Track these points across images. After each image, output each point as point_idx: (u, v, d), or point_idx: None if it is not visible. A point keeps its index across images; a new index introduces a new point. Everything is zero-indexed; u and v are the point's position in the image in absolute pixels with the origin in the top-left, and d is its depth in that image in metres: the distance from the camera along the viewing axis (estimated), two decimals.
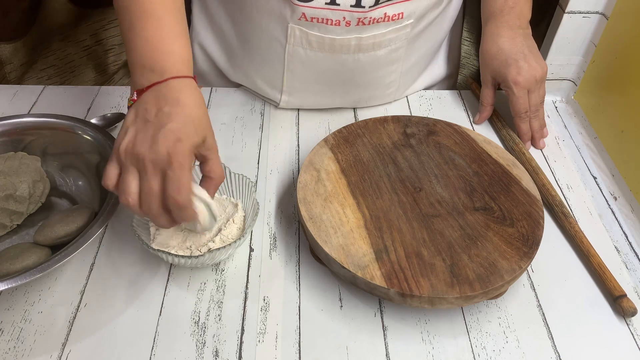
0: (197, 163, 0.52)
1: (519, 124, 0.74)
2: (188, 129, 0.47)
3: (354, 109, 0.80)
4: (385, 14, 0.66)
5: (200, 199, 0.49)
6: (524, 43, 0.73)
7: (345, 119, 0.78)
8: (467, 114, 0.81)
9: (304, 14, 0.65)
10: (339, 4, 0.64)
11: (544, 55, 0.82)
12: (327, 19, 0.65)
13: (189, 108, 0.48)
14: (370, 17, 0.65)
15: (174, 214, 0.47)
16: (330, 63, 0.71)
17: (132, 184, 0.46)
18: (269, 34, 0.69)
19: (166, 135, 0.45)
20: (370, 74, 0.74)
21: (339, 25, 0.66)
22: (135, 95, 0.50)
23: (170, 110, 0.47)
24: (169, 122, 0.46)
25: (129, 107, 0.50)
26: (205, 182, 0.52)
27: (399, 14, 0.67)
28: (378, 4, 0.64)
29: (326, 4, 0.64)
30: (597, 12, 0.77)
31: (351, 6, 0.64)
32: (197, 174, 0.58)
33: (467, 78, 0.94)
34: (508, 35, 0.73)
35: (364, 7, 0.64)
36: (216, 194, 0.62)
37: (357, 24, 0.66)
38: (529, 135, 0.74)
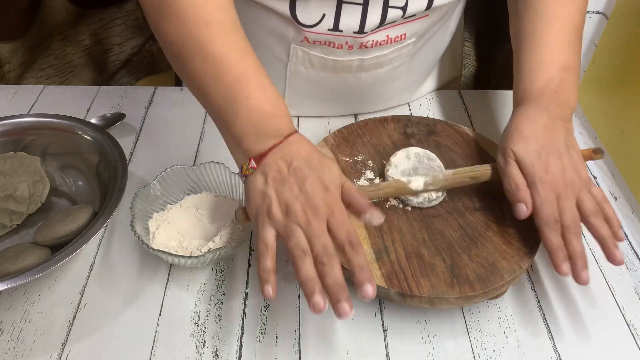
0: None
1: (548, 234, 0.52)
2: (326, 175, 0.48)
3: None
4: (388, 36, 0.65)
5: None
6: (562, 138, 0.56)
7: (345, 119, 0.78)
8: (467, 114, 0.81)
9: (306, 37, 0.64)
10: (341, 30, 0.63)
11: None
12: (330, 42, 0.64)
13: (313, 156, 0.49)
14: (373, 40, 0.64)
15: (348, 255, 0.45)
16: (332, 81, 0.70)
17: (302, 239, 0.46)
18: (271, 52, 0.69)
19: (314, 187, 0.47)
20: (373, 90, 0.74)
21: (342, 48, 0.65)
22: (253, 162, 0.49)
23: (301, 165, 0.48)
24: (307, 175, 0.47)
25: (247, 176, 0.50)
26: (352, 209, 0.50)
27: (401, 35, 0.66)
28: (380, 27, 0.63)
29: (329, 30, 0.63)
30: (597, 12, 0.77)
31: (354, 32, 0.63)
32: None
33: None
34: (545, 124, 0.56)
35: (366, 32, 0.63)
36: (215, 194, 0.62)
37: (360, 47, 0.65)
38: (562, 253, 0.51)
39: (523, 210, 0.53)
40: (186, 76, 0.53)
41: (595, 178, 0.72)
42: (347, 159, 0.65)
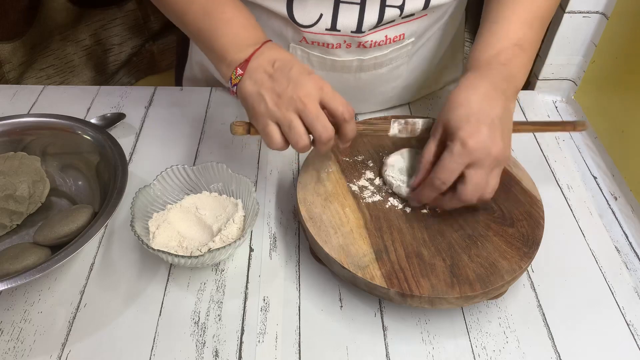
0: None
1: (423, 187, 0.55)
2: (305, 67, 0.54)
3: None
4: (386, 36, 0.65)
5: None
6: (498, 111, 0.53)
7: None
8: None
9: (304, 37, 0.64)
10: (339, 30, 0.63)
11: (544, 55, 0.82)
12: (328, 43, 0.65)
13: (291, 56, 0.55)
14: (372, 41, 0.65)
15: (345, 127, 0.53)
16: (331, 81, 0.69)
17: (301, 126, 0.52)
18: None
19: (300, 73, 0.52)
20: (372, 90, 0.74)
21: (340, 47, 0.65)
22: (240, 69, 0.54)
23: (283, 60, 0.53)
24: (290, 67, 0.53)
25: (236, 84, 0.54)
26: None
27: (400, 35, 0.66)
28: (378, 26, 0.64)
29: (326, 29, 0.63)
30: (597, 12, 0.77)
31: (352, 32, 0.63)
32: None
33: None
34: (485, 92, 0.54)
35: (364, 32, 0.63)
36: (215, 194, 0.62)
37: (358, 47, 0.65)
38: (423, 197, 0.55)
39: (411, 183, 0.58)
40: (163, 2, 0.58)
41: (595, 178, 0.72)
42: (347, 159, 0.65)
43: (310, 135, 0.53)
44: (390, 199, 0.60)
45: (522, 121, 0.63)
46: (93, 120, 0.72)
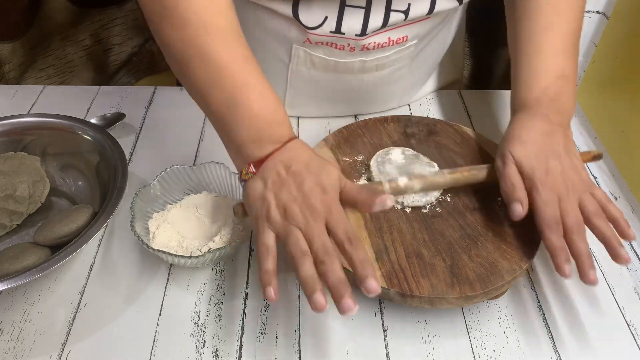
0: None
1: (549, 236, 0.51)
2: (324, 178, 0.48)
3: None
4: (389, 38, 0.65)
5: None
6: (562, 142, 0.56)
7: (345, 119, 0.78)
8: (467, 114, 0.81)
9: (308, 38, 0.64)
10: (343, 33, 0.63)
11: None
12: (332, 43, 0.64)
13: (312, 161, 0.50)
14: (375, 43, 0.64)
15: (349, 251, 0.45)
16: (333, 82, 0.70)
17: (301, 240, 0.46)
18: (272, 53, 0.69)
19: (312, 189, 0.47)
20: (374, 91, 0.74)
21: (344, 49, 0.65)
22: (253, 167, 0.50)
23: (300, 168, 0.48)
24: (304, 178, 0.48)
25: (246, 180, 0.50)
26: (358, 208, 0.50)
27: (403, 38, 0.66)
28: (381, 29, 0.63)
29: (331, 32, 0.63)
30: (597, 12, 0.77)
31: (356, 35, 0.63)
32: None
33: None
34: (544, 128, 0.56)
35: (368, 34, 0.63)
36: (215, 194, 0.62)
37: (362, 49, 0.65)
38: (564, 255, 0.50)
39: (518, 209, 0.53)
40: (187, 81, 0.53)
41: (595, 178, 0.72)
42: (347, 159, 0.65)
43: None
44: None
45: None
46: (93, 120, 0.72)
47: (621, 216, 0.53)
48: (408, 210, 0.58)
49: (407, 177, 0.57)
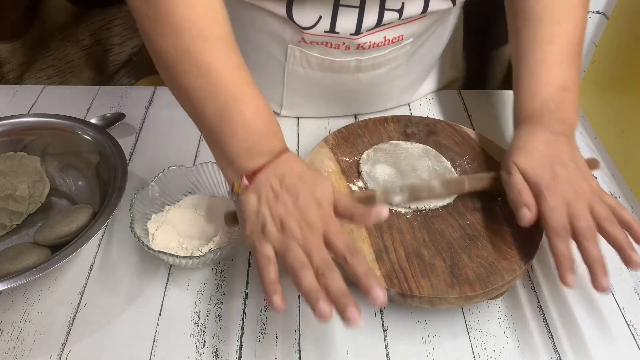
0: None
1: (556, 242, 0.50)
2: (318, 191, 0.48)
3: None
4: (385, 37, 0.65)
5: None
6: (566, 150, 0.55)
7: (345, 119, 0.78)
8: (467, 114, 0.81)
9: (303, 38, 0.64)
10: (338, 32, 0.63)
11: None
12: (327, 43, 0.64)
13: (305, 173, 0.49)
14: (370, 42, 0.64)
15: (350, 263, 0.44)
16: (329, 82, 0.70)
17: (300, 253, 0.45)
18: (268, 53, 0.69)
19: (308, 203, 0.46)
20: (371, 91, 0.74)
21: (339, 48, 0.65)
22: (246, 180, 0.49)
23: (294, 181, 0.48)
24: (298, 192, 0.47)
25: (238, 194, 0.49)
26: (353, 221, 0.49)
27: (398, 37, 0.66)
28: (376, 28, 0.63)
29: (325, 31, 0.63)
30: (597, 12, 0.77)
31: (350, 34, 0.63)
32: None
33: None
34: (547, 138, 0.56)
35: (362, 33, 0.63)
36: (214, 194, 0.62)
37: (357, 48, 0.65)
38: (569, 263, 0.49)
39: (526, 214, 0.52)
40: (178, 89, 0.51)
41: (595, 178, 0.72)
42: (347, 159, 0.65)
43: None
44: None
45: None
46: (93, 120, 0.72)
47: (634, 220, 0.51)
48: (409, 211, 0.58)
49: (401, 192, 0.57)
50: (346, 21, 0.62)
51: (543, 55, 0.59)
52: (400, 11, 0.62)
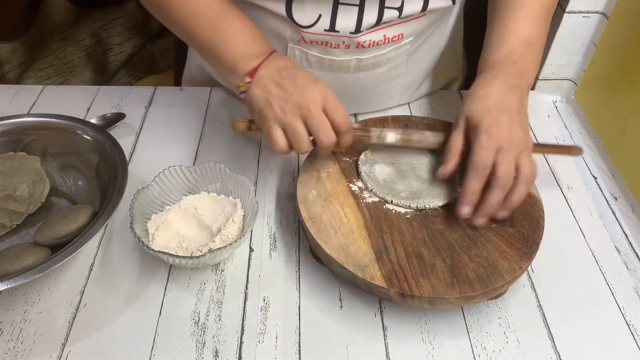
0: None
1: (470, 178, 0.54)
2: (311, 75, 0.56)
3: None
4: (385, 35, 0.65)
5: None
6: (515, 103, 0.58)
7: None
8: None
9: (303, 37, 0.64)
10: (338, 31, 0.63)
11: (544, 55, 0.82)
12: (327, 42, 0.65)
13: (297, 64, 0.59)
14: (370, 40, 0.65)
15: (338, 138, 0.56)
16: (330, 81, 0.69)
17: (304, 131, 0.54)
18: None
19: (306, 81, 0.55)
20: (371, 90, 0.74)
21: (339, 47, 0.65)
22: (247, 77, 0.57)
23: (290, 68, 0.57)
24: (297, 75, 0.55)
25: (245, 92, 0.57)
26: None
27: (398, 35, 0.66)
28: (376, 26, 0.64)
29: (325, 30, 0.63)
30: (597, 12, 0.77)
31: (350, 33, 0.63)
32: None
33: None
34: (501, 88, 0.58)
35: (362, 32, 0.63)
36: (214, 194, 0.62)
37: (357, 47, 0.65)
38: (474, 199, 0.54)
39: (443, 171, 0.58)
40: (169, 19, 0.60)
41: (595, 178, 0.72)
42: (347, 159, 0.65)
43: (312, 138, 0.55)
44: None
45: None
46: (93, 120, 0.72)
47: (519, 199, 0.55)
48: (410, 211, 0.58)
49: (395, 132, 0.62)
50: (346, 19, 0.62)
51: (514, 11, 0.63)
52: (400, 9, 0.62)
